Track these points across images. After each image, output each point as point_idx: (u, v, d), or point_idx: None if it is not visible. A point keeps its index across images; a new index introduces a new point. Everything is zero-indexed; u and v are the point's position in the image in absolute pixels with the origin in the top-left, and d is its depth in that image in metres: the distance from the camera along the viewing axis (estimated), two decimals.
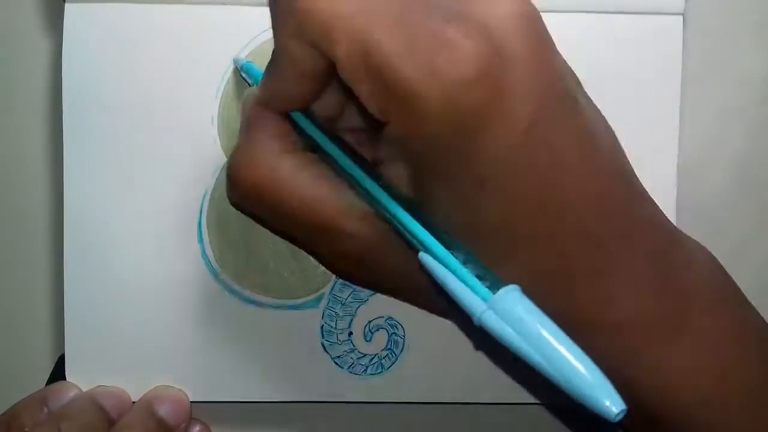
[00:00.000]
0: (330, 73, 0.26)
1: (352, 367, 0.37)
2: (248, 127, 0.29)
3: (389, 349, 0.37)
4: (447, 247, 0.25)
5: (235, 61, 0.36)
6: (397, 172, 0.27)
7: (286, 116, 0.29)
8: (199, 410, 0.37)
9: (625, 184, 0.27)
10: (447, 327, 0.37)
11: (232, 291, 0.36)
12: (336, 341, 0.37)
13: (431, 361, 0.37)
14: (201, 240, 0.36)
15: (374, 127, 0.27)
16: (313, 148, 0.29)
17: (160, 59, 0.36)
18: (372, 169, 0.27)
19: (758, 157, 0.37)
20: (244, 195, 0.29)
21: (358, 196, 0.27)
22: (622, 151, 0.28)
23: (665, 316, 0.27)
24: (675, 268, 0.27)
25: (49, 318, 0.38)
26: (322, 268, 0.36)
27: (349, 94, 0.27)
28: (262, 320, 0.36)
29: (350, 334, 0.37)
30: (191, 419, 0.36)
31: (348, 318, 0.37)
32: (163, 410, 0.35)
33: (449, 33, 0.23)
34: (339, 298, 0.36)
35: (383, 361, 0.37)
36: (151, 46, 0.36)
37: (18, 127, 0.38)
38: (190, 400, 0.36)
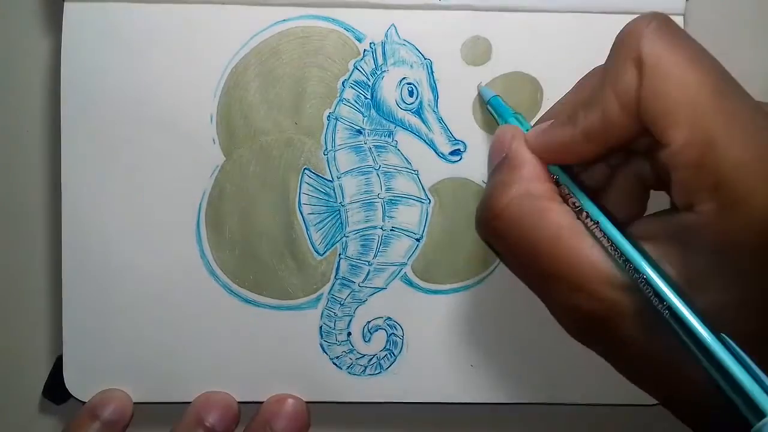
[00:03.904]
0: (620, 148, 0.28)
1: (351, 368, 0.37)
2: (512, 164, 0.30)
3: (388, 349, 0.37)
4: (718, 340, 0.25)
5: (482, 92, 0.36)
6: (665, 251, 0.27)
7: (546, 164, 0.30)
8: None
9: None
10: (445, 327, 0.37)
11: (230, 291, 0.36)
12: (335, 342, 0.36)
13: (430, 361, 0.37)
14: (199, 240, 0.36)
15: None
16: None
17: (159, 58, 0.36)
18: (638, 242, 0.27)
19: None
20: (502, 225, 0.29)
21: (616, 265, 0.27)
22: None
23: None
24: None
25: (47, 318, 0.38)
26: (322, 268, 0.36)
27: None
28: (260, 321, 0.36)
29: (349, 334, 0.37)
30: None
31: (347, 318, 0.37)
32: (212, 418, 0.35)
33: None
34: (338, 299, 0.36)
35: (382, 361, 0.37)
36: (150, 46, 0.36)
37: (16, 126, 0.38)
38: (188, 400, 0.36)
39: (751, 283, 0.25)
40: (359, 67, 0.36)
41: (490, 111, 0.35)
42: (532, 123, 0.33)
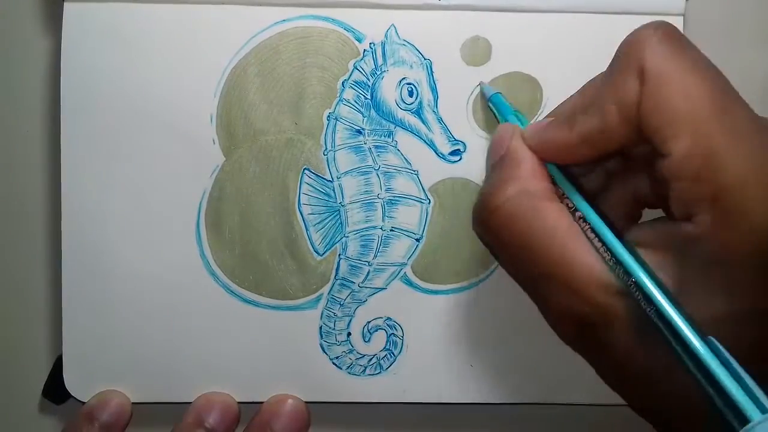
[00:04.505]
0: (616, 154, 0.28)
1: (351, 368, 0.37)
2: (510, 162, 0.30)
3: (388, 349, 0.37)
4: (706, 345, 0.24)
5: (484, 90, 0.36)
6: (660, 259, 0.26)
7: (544, 161, 0.30)
8: None
9: None
10: (445, 328, 0.37)
11: (230, 291, 0.36)
12: (335, 342, 0.36)
13: (429, 361, 0.37)
14: (199, 240, 0.36)
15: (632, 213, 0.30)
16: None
17: (158, 58, 0.36)
18: (633, 247, 0.27)
19: None
20: (498, 222, 0.29)
21: (609, 269, 0.27)
22: None
23: None
24: None
25: (47, 318, 0.38)
26: (321, 268, 0.36)
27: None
28: (260, 321, 0.36)
29: (349, 334, 0.37)
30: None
31: (347, 319, 0.37)
32: (212, 419, 0.36)
33: None
34: (337, 299, 0.36)
35: (382, 361, 0.37)
36: (150, 45, 0.36)
37: (16, 125, 0.38)
38: (188, 400, 0.36)
39: (747, 294, 0.25)
40: (359, 68, 0.36)
41: (491, 109, 0.35)
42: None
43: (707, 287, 0.25)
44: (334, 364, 0.37)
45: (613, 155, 0.29)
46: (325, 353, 0.37)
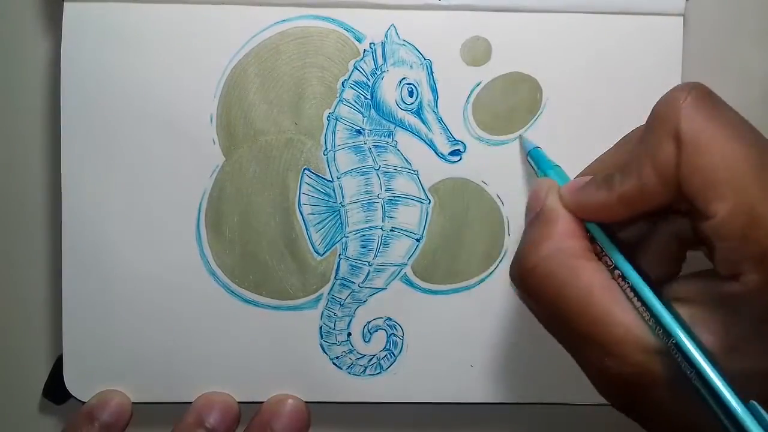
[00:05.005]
0: (656, 212, 0.28)
1: (351, 368, 0.37)
2: (546, 220, 0.30)
3: (388, 349, 0.37)
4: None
5: (524, 144, 0.36)
6: (704, 316, 0.26)
7: (582, 220, 0.30)
8: None
9: None
10: (445, 328, 0.37)
11: (230, 291, 0.36)
12: (335, 342, 0.36)
13: (429, 361, 0.37)
14: (199, 240, 0.36)
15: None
16: None
17: (159, 58, 0.36)
18: (671, 305, 0.27)
19: None
20: (535, 281, 0.29)
21: (648, 328, 0.27)
22: None
23: None
24: None
25: (47, 318, 0.38)
26: (321, 268, 0.36)
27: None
28: (260, 321, 0.36)
29: (349, 335, 0.37)
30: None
31: (347, 319, 0.37)
32: (213, 419, 0.36)
33: None
34: (337, 299, 0.36)
35: (382, 361, 0.37)
36: (150, 45, 0.36)
37: (16, 125, 0.38)
38: (188, 400, 0.36)
39: None
40: (359, 68, 0.36)
41: (530, 163, 0.35)
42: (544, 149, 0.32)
43: (756, 345, 0.25)
44: (334, 364, 0.37)
45: (653, 214, 0.29)
46: (326, 353, 0.37)
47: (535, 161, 0.34)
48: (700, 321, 0.26)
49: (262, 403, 0.36)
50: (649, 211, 0.28)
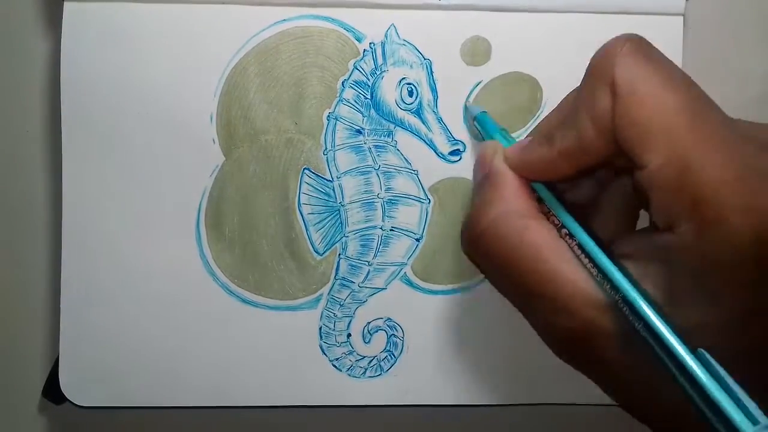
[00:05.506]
0: (598, 167, 0.28)
1: (351, 370, 0.37)
2: (493, 182, 0.30)
3: (388, 350, 0.37)
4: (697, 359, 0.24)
5: (469, 109, 0.36)
6: (646, 270, 0.26)
7: (529, 181, 0.30)
8: (195, 415, 0.37)
9: None
10: (446, 328, 0.36)
11: (230, 291, 0.36)
12: (334, 343, 0.36)
13: (430, 363, 0.37)
14: (199, 240, 0.36)
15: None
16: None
17: (159, 58, 0.36)
18: (619, 261, 0.27)
19: None
20: (485, 244, 0.29)
21: (596, 284, 0.27)
22: None
23: None
24: None
25: (47, 318, 0.38)
26: (321, 268, 0.36)
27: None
28: (259, 321, 0.36)
29: (349, 335, 0.36)
30: None
31: (346, 319, 0.36)
32: None
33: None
34: (337, 299, 0.36)
35: (382, 363, 0.37)
36: (150, 45, 0.36)
37: (17, 125, 0.38)
38: (187, 403, 0.36)
39: (732, 302, 0.25)
40: (359, 67, 0.36)
41: (477, 128, 0.35)
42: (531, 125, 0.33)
43: (695, 296, 0.25)
44: (334, 366, 0.36)
45: (596, 169, 0.29)
46: (325, 355, 0.36)
47: (481, 125, 0.34)
48: (644, 276, 0.26)
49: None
50: (591, 164, 0.28)
